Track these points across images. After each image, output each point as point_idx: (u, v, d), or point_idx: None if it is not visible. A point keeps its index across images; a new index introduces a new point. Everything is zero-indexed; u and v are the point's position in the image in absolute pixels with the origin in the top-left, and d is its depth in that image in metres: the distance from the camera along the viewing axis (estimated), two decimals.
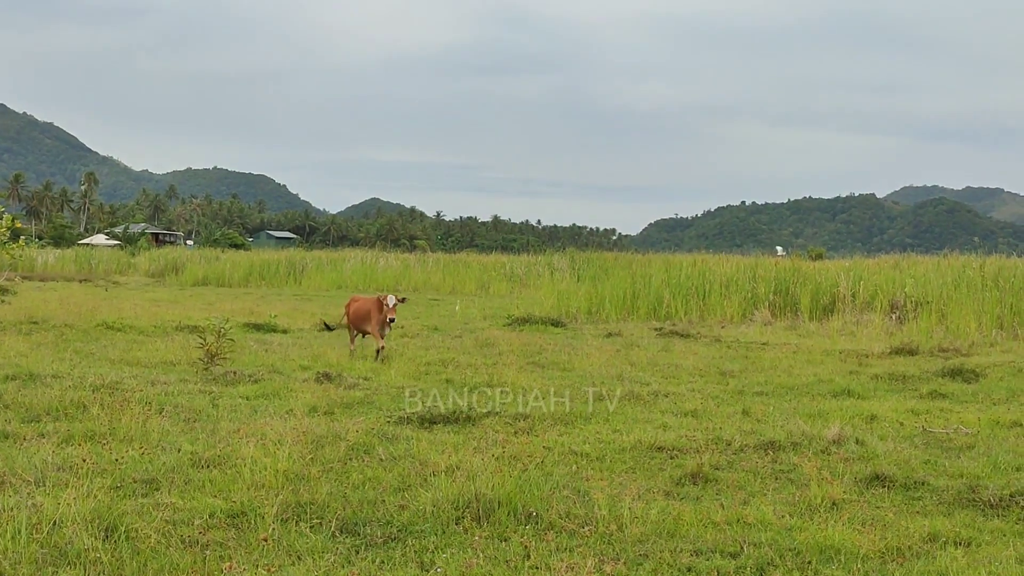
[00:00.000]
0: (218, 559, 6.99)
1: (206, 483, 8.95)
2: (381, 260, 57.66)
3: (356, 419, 12.08)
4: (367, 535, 7.65)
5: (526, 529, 7.78)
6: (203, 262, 61.12)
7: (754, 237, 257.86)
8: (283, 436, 10.40)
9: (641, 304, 32.49)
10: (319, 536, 7.54)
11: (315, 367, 16.90)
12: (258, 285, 52.86)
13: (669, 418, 13.01)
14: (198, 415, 12.37)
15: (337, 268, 54.90)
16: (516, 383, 15.50)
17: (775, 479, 9.81)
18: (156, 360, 17.59)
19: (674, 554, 7.31)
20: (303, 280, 53.73)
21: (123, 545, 7.11)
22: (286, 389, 14.55)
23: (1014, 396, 15.58)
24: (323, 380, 15.34)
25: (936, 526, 8.10)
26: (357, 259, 57.72)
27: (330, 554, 7.18)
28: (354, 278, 52.17)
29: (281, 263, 56.87)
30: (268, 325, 24.65)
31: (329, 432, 11.02)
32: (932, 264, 36.29)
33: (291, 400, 13.59)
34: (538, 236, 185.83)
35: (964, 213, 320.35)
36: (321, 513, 8.07)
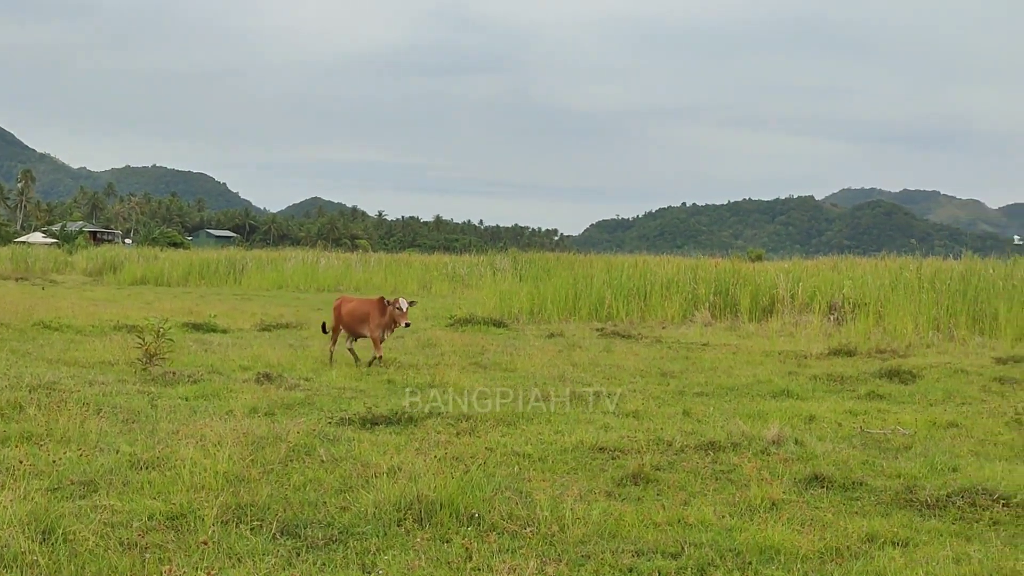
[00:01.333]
0: (157, 562, 6.93)
1: (145, 485, 8.86)
2: (322, 260, 57.37)
3: (297, 420, 11.99)
4: (308, 537, 7.61)
5: (468, 530, 7.78)
6: (142, 261, 60.48)
7: (694, 238, 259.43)
8: (223, 437, 10.31)
9: (583, 305, 32.56)
10: (260, 538, 7.49)
11: (255, 367, 16.77)
12: (197, 284, 52.38)
13: (611, 419, 13.05)
14: (137, 416, 12.24)
15: (278, 268, 54.56)
16: (458, 384, 15.49)
17: (715, 479, 9.88)
18: (94, 360, 17.39)
19: (615, 555, 7.33)
20: (243, 280, 53.31)
21: (60, 548, 7.03)
22: (226, 390, 14.44)
23: (950, 397, 15.78)
24: (263, 381, 15.23)
25: (874, 526, 8.19)
26: (298, 259, 57.38)
27: (271, 556, 7.14)
28: (295, 278, 51.88)
29: (221, 262, 56.39)
30: (208, 325, 24.44)
31: (270, 433, 10.92)
32: (870, 266, 36.67)
33: (231, 401, 13.48)
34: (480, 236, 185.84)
35: (901, 215, 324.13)
36: (262, 515, 8.01)
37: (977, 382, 17.43)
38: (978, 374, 18.39)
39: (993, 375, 18.24)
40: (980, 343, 25.12)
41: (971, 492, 9.10)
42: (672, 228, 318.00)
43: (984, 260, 34.05)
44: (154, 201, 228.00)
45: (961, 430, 12.90)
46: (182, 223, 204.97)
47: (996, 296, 28.14)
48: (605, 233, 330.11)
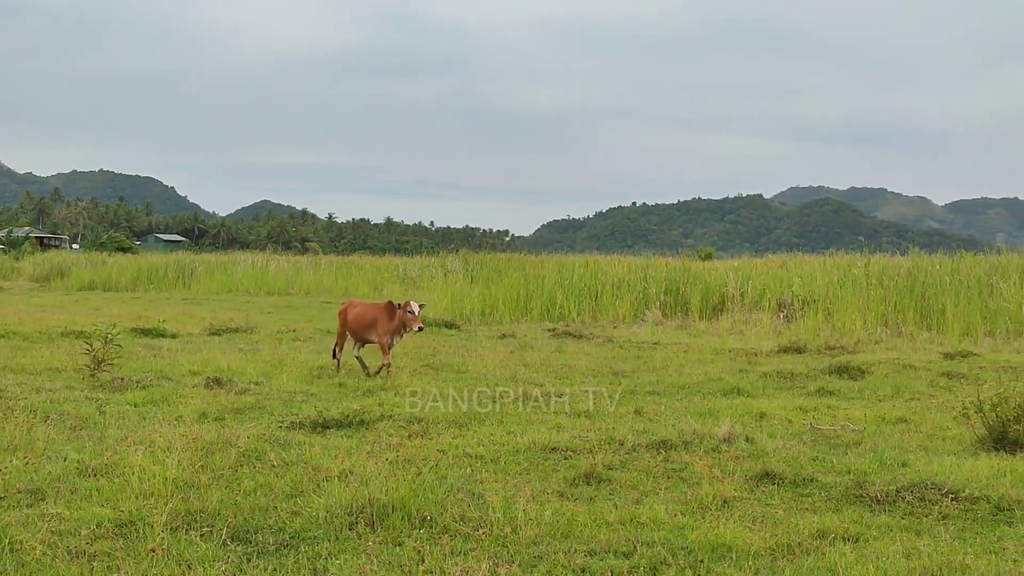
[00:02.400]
0: (105, 570, 6.85)
1: (93, 492, 8.76)
2: (272, 263, 57.00)
3: (247, 425, 11.89)
4: (259, 543, 7.54)
5: (420, 533, 7.75)
6: (89, 266, 59.83)
7: (645, 238, 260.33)
8: (172, 443, 10.22)
9: (534, 305, 32.60)
10: (210, 544, 7.41)
11: (205, 372, 16.63)
12: (146, 289, 51.93)
13: (563, 419, 13.05)
14: (84, 423, 12.10)
15: (227, 271, 54.19)
16: (410, 386, 15.45)
17: (667, 478, 9.90)
18: (41, 367, 17.19)
19: (568, 555, 7.33)
20: (192, 284, 52.90)
21: (7, 557, 6.94)
22: (175, 395, 14.30)
23: (899, 392, 15.93)
24: (213, 385, 15.10)
25: (825, 522, 8.23)
26: (248, 262, 56.98)
27: (221, 563, 7.07)
28: (245, 281, 51.56)
29: (170, 267, 55.93)
30: (157, 330, 24.21)
31: (219, 438, 10.82)
32: (818, 263, 36.96)
33: (180, 406, 13.36)
34: (431, 238, 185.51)
35: (849, 213, 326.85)
36: (212, 521, 7.94)
37: (925, 377, 17.60)
38: (926, 369, 18.57)
39: (941, 370, 18.42)
40: (928, 339, 25.39)
41: (920, 487, 9.16)
42: (623, 228, 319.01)
43: (931, 256, 34.39)
44: (102, 206, 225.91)
45: (910, 425, 13.02)
46: (130, 228, 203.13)
47: (943, 292, 28.45)
48: (556, 233, 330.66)
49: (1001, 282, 28.78)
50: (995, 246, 41.41)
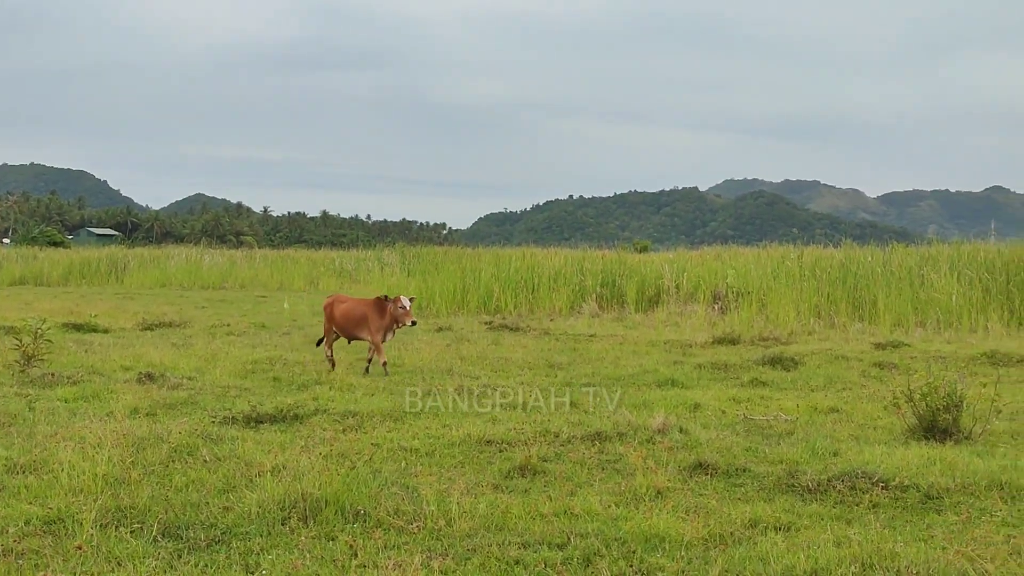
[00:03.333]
0: (33, 568, 6.75)
1: (21, 489, 8.63)
2: (207, 257, 56.54)
3: (180, 420, 11.78)
4: (190, 538, 7.47)
5: (354, 527, 7.71)
6: (20, 261, 58.92)
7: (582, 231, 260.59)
8: (103, 439, 10.08)
9: (471, 298, 32.58)
10: (140, 541, 7.33)
11: (137, 367, 16.43)
12: (78, 284, 51.29)
13: (499, 411, 13.06)
14: (13, 419, 11.91)
15: (161, 266, 53.66)
16: (345, 380, 15.38)
17: (602, 469, 9.93)
18: None
19: (502, 547, 7.33)
20: (126, 278, 52.33)
21: None
22: (106, 390, 14.14)
23: (831, 383, 16.10)
24: (145, 380, 14.94)
25: (757, 512, 8.30)
26: (182, 256, 56.45)
27: (151, 559, 7.00)
28: (179, 275, 51.10)
29: (102, 261, 55.27)
30: (88, 325, 23.92)
31: (151, 434, 10.72)
32: (753, 255, 37.24)
33: (112, 402, 13.20)
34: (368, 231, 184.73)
35: (783, 205, 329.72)
36: (142, 517, 7.85)
37: (857, 367, 17.80)
38: (858, 360, 18.77)
39: (872, 360, 18.63)
40: (860, 329, 25.66)
41: (851, 476, 9.25)
42: (560, 221, 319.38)
43: (863, 248, 34.75)
44: (33, 200, 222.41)
45: (841, 415, 13.16)
46: (62, 222, 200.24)
47: (875, 283, 28.77)
48: (494, 226, 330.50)
49: (932, 273, 29.15)
50: (927, 238, 41.94)
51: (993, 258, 29.75)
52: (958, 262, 29.99)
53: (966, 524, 8.00)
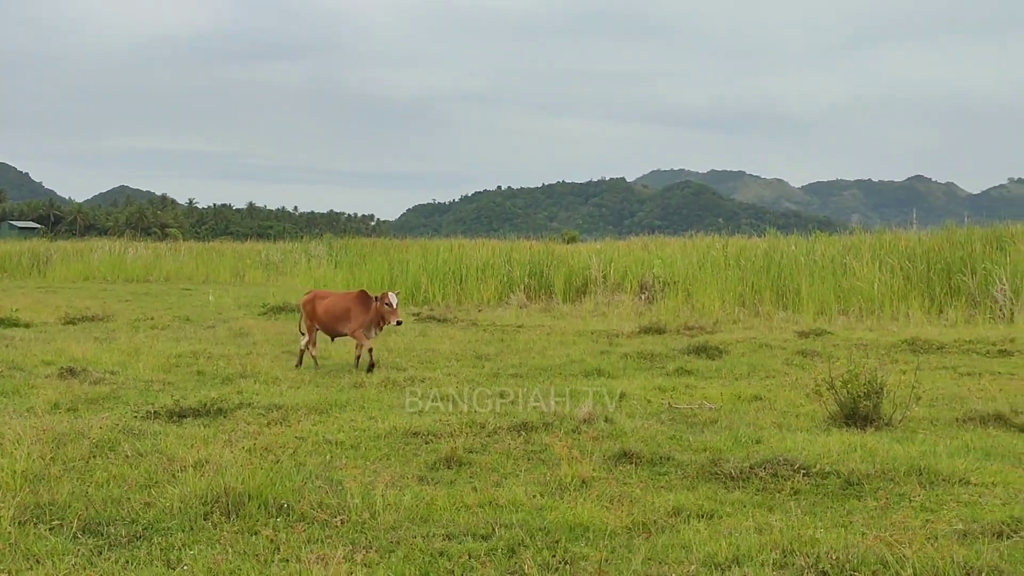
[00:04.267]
0: None
1: None
2: (131, 249, 55.78)
3: (101, 415, 11.62)
4: (111, 535, 7.38)
5: (277, 522, 7.66)
6: None
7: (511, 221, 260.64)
8: (22, 435, 9.90)
9: (399, 289, 32.34)
10: (59, 538, 7.23)
11: (59, 362, 16.18)
12: (0, 278, 50.43)
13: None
14: None
15: (84, 259, 52.87)
16: (270, 373, 15.27)
17: (528, 460, 9.95)
18: None
19: (426, 539, 7.32)
20: (48, 272, 51.49)
21: None
22: (27, 386, 13.91)
23: (754, 371, 16.25)
24: (67, 376, 14.71)
25: (680, 500, 8.36)
26: (105, 249, 55.64)
27: (71, 556, 6.91)
28: (102, 269, 50.38)
29: (24, 254, 54.34)
30: (9, 319, 23.49)
31: (72, 429, 10.57)
32: (679, 245, 37.54)
33: (32, 397, 13.00)
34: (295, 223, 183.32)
35: (709, 195, 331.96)
36: (62, 514, 7.74)
37: (780, 356, 17.98)
38: (781, 348, 18.98)
39: (796, 348, 18.85)
40: (784, 318, 25.95)
41: (773, 463, 9.35)
42: (488, 211, 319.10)
43: (787, 238, 35.16)
44: None
45: (765, 403, 13.29)
46: None
47: (798, 272, 29.11)
48: (422, 217, 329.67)
49: (854, 262, 29.54)
50: (850, 227, 42.47)
51: (914, 246, 30.22)
52: (880, 251, 30.43)
53: (885, 509, 8.12)
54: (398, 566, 6.79)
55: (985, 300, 26.27)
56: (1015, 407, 12.38)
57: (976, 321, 24.62)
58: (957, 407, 12.76)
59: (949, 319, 24.91)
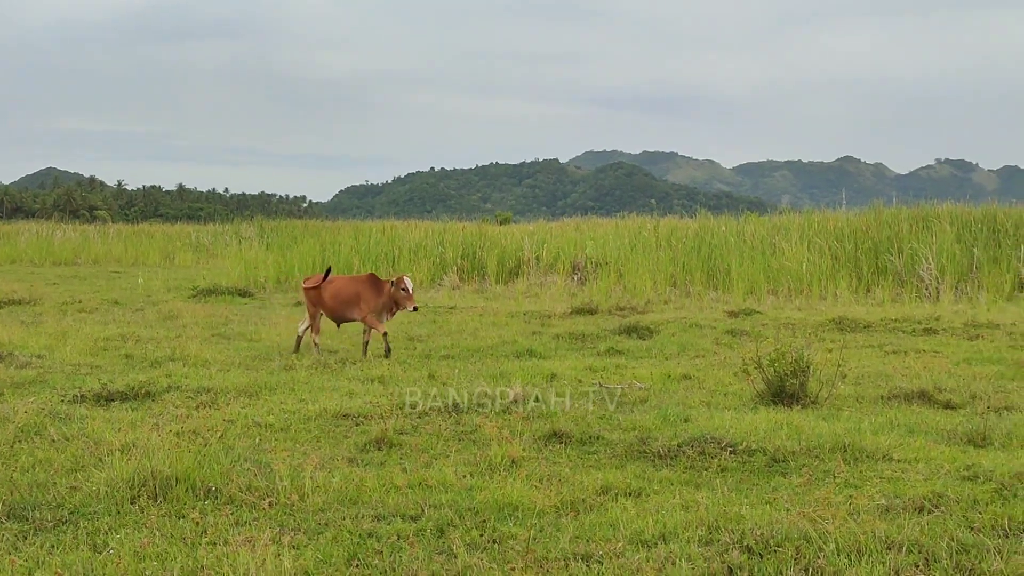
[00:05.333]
0: None
1: None
2: (59, 232, 55.00)
3: (27, 400, 11.50)
4: (36, 519, 7.32)
5: (204, 505, 7.63)
6: None
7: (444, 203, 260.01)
8: None
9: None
10: None
11: None
12: None
13: (356, 385, 13.03)
14: None
15: (11, 242, 52.04)
16: (200, 356, 15.16)
17: (458, 440, 9.98)
18: None
19: (355, 521, 7.33)
20: None
21: None
22: None
23: (684, 350, 16.39)
24: None
25: (609, 478, 8.43)
26: (32, 232, 54.85)
27: None
28: (29, 251, 49.58)
29: None
30: None
31: None
32: (611, 226, 37.73)
33: None
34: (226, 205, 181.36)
35: (641, 177, 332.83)
36: None
37: (710, 335, 18.15)
38: (711, 327, 19.15)
39: (725, 328, 19.02)
40: (714, 298, 26.18)
41: (701, 441, 9.45)
42: (422, 193, 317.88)
43: (717, 218, 35.44)
44: None
45: (693, 382, 13.41)
46: None
47: (729, 252, 29.35)
48: (355, 199, 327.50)
49: (783, 242, 29.88)
50: (780, 207, 42.93)
51: (842, 226, 30.63)
52: (809, 231, 30.81)
53: (809, 486, 8.23)
54: (326, 548, 6.79)
55: (911, 279, 26.67)
56: (939, 384, 12.60)
57: (902, 300, 24.99)
58: (882, 385, 12.96)
59: (876, 298, 25.26)
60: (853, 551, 6.56)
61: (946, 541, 6.69)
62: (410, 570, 6.38)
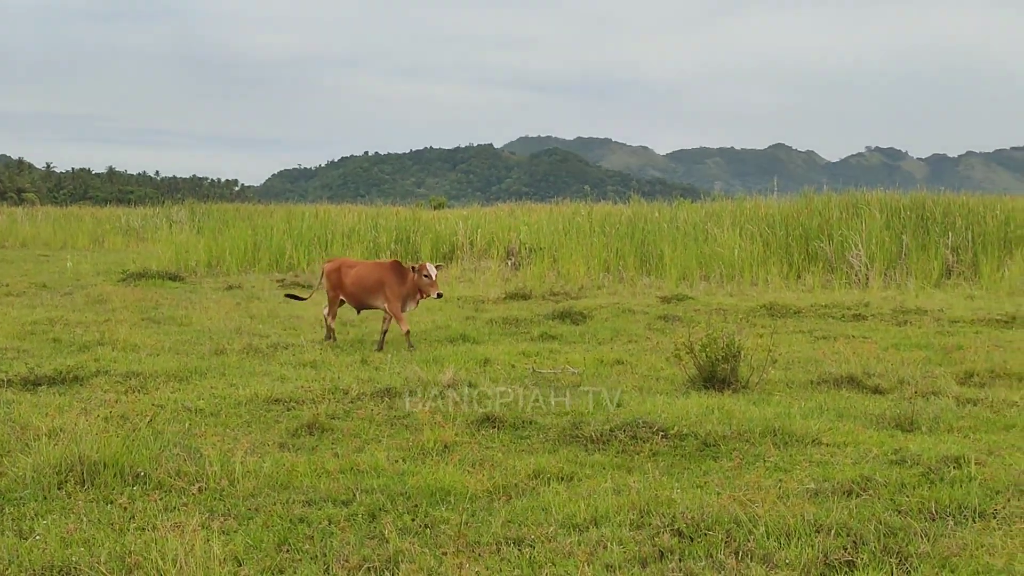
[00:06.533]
0: None
1: None
2: None
3: None
4: None
5: (133, 490, 7.55)
6: None
7: (378, 187, 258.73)
8: None
9: (263, 256, 32.10)
10: None
11: None
12: None
13: (288, 370, 12.94)
14: None
15: None
16: (129, 340, 14.97)
17: (390, 425, 9.95)
18: None
19: (286, 506, 7.29)
20: None
21: None
22: None
23: (617, 335, 16.45)
24: None
25: (541, 463, 8.45)
26: None
27: None
28: None
29: None
30: None
31: None
32: (545, 212, 37.82)
33: None
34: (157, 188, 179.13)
35: (576, 162, 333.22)
36: None
37: (643, 320, 18.23)
38: (644, 313, 19.24)
39: (658, 313, 19.12)
40: (647, 283, 26.29)
41: (633, 426, 9.49)
42: (355, 177, 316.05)
43: (651, 204, 35.63)
44: None
45: (626, 367, 13.47)
46: None
47: (662, 238, 29.53)
48: (288, 183, 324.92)
49: (716, 228, 30.09)
50: (712, 194, 43.25)
51: (773, 213, 30.93)
52: (741, 217, 31.08)
53: (740, 470, 8.30)
54: (256, 533, 6.75)
55: (841, 266, 26.97)
56: (867, 369, 12.73)
57: (832, 286, 25.25)
58: (812, 370, 13.08)
59: (806, 284, 25.50)
60: (783, 534, 6.63)
61: (874, 524, 6.78)
62: (341, 555, 6.35)
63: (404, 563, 6.23)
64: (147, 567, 6.06)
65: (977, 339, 15.81)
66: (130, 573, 6.08)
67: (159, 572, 5.98)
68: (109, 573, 6.05)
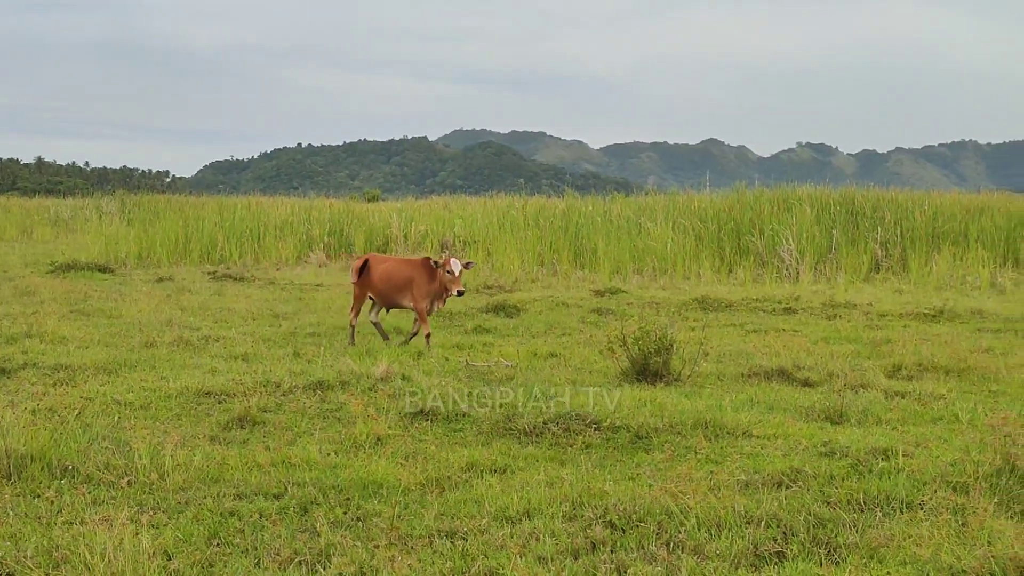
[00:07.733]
0: None
1: None
2: None
3: None
4: None
5: (61, 484, 7.47)
6: None
7: (311, 179, 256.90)
8: None
9: (194, 248, 31.85)
10: None
11: None
12: None
13: (219, 363, 12.83)
14: None
15: None
16: (57, 332, 14.77)
17: (323, 418, 9.91)
18: None
19: (217, 499, 7.23)
20: None
21: None
22: None
23: (551, 329, 16.50)
24: None
25: (474, 456, 8.46)
26: None
27: None
28: None
29: None
30: None
31: None
32: (480, 205, 37.77)
33: None
34: (87, 179, 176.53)
35: (510, 156, 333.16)
36: None
37: (577, 314, 18.30)
38: (577, 306, 19.32)
39: (591, 307, 19.21)
40: (581, 277, 26.39)
41: (566, 418, 9.51)
42: (288, 169, 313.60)
43: (585, 198, 35.72)
44: None
45: (560, 360, 13.50)
46: None
47: (595, 232, 29.65)
48: (220, 175, 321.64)
49: (649, 222, 30.25)
50: (645, 188, 43.42)
51: (706, 208, 31.15)
52: (673, 212, 31.27)
53: (672, 462, 8.33)
54: (187, 526, 6.70)
55: (772, 260, 27.24)
56: (798, 363, 12.86)
57: (763, 280, 25.50)
58: (743, 363, 13.20)
59: (738, 278, 25.73)
60: (713, 525, 6.68)
61: (803, 515, 6.85)
62: (272, 549, 6.32)
63: (336, 556, 6.21)
64: (75, 561, 5.99)
65: (905, 333, 16.03)
66: (58, 567, 6.00)
67: (87, 566, 5.91)
68: (36, 567, 5.98)
